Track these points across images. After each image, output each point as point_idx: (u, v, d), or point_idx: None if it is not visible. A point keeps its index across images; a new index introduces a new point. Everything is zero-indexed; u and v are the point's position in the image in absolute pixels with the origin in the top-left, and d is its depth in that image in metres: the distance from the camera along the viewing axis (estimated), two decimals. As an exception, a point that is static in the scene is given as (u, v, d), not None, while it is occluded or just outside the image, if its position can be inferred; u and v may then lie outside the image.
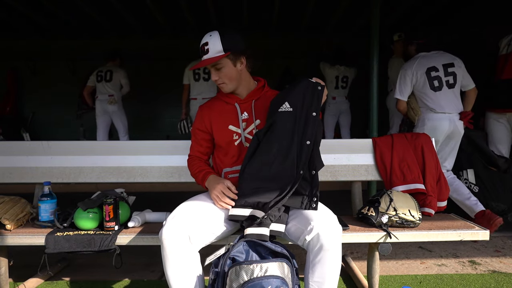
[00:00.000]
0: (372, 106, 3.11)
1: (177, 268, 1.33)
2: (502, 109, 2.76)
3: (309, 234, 1.32)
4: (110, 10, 4.52)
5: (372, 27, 3.11)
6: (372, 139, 2.09)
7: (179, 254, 1.32)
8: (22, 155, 2.00)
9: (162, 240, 1.33)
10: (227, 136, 1.66)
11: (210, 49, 1.56)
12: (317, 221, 1.33)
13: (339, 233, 1.35)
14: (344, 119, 4.80)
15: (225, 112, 1.68)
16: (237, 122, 1.66)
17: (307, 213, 1.41)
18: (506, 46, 2.79)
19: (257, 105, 1.67)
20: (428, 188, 1.91)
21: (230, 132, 1.66)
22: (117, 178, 2.00)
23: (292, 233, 1.44)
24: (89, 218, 1.66)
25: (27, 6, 4.37)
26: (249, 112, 1.67)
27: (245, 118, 1.66)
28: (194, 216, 1.41)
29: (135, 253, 2.12)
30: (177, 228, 1.33)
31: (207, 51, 1.57)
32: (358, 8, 4.49)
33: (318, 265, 1.33)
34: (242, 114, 1.66)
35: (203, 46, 1.58)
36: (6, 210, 1.71)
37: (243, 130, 1.65)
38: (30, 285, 1.93)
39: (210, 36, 1.57)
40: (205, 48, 1.57)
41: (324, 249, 1.30)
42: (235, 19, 5.03)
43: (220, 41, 1.56)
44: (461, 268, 2.22)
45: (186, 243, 1.34)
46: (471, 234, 1.65)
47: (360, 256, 2.41)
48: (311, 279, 1.36)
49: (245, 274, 1.18)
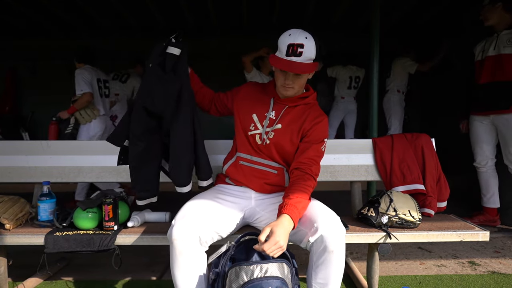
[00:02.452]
0: (373, 106, 3.11)
1: (186, 268, 1.32)
2: (485, 111, 2.88)
3: (313, 235, 1.31)
4: (110, 9, 4.52)
5: (373, 28, 3.11)
6: (372, 139, 2.09)
7: (189, 254, 1.31)
8: (21, 154, 2.00)
9: (172, 241, 1.30)
10: (246, 121, 1.61)
11: (304, 53, 1.40)
12: (321, 223, 1.33)
13: (343, 234, 1.34)
14: (350, 120, 4.81)
15: (260, 99, 1.62)
16: (263, 116, 1.59)
17: (310, 214, 1.40)
18: (480, 52, 2.90)
19: (288, 112, 1.58)
20: (428, 189, 1.91)
21: (251, 119, 1.60)
22: (117, 178, 1.99)
23: (294, 234, 1.42)
24: (89, 218, 1.66)
25: (26, 5, 4.37)
26: (277, 115, 1.58)
27: (271, 117, 1.58)
28: (203, 217, 1.39)
29: (134, 253, 2.12)
30: (187, 229, 1.31)
31: (299, 54, 1.40)
32: (358, 9, 4.49)
33: (322, 267, 1.33)
34: (271, 111, 1.59)
35: (296, 46, 1.39)
36: (5, 209, 1.71)
37: (263, 126, 1.58)
38: (29, 284, 1.93)
39: (306, 39, 1.41)
40: (297, 50, 1.39)
41: (328, 251, 1.30)
42: (235, 19, 5.03)
43: (315, 47, 1.42)
44: (461, 268, 2.22)
45: (196, 244, 1.32)
46: (471, 235, 1.65)
47: (360, 257, 2.41)
48: (314, 280, 1.36)
49: (245, 275, 1.17)
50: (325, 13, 4.80)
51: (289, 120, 1.57)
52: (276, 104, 1.59)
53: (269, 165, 1.61)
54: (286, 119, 1.57)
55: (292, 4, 4.39)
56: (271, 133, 1.57)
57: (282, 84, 1.50)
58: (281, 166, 1.62)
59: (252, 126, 1.59)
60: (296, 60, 1.41)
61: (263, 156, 1.61)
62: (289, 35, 1.42)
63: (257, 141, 1.59)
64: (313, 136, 1.56)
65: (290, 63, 1.41)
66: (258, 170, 1.60)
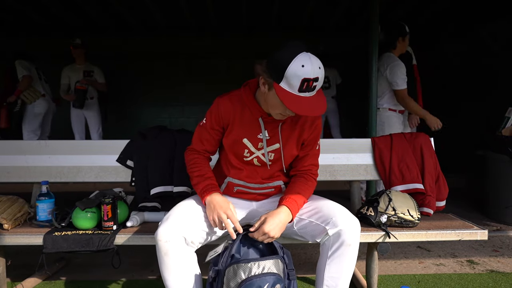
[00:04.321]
0: (372, 106, 3.11)
1: (173, 269, 1.32)
2: None
3: (332, 229, 1.35)
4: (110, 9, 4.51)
5: (372, 28, 3.11)
6: (371, 139, 2.09)
7: (175, 255, 1.31)
8: (20, 154, 1.99)
9: (157, 242, 1.31)
10: (239, 149, 1.48)
11: (317, 87, 1.25)
12: (340, 217, 1.36)
13: (359, 228, 1.39)
14: (332, 119, 4.88)
15: (246, 122, 1.45)
16: (255, 139, 1.46)
17: (327, 209, 1.42)
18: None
19: (283, 128, 1.46)
20: (427, 188, 1.91)
21: (243, 146, 1.47)
22: (115, 178, 1.99)
23: (309, 229, 1.44)
24: (87, 217, 1.66)
25: (26, 4, 4.35)
26: (272, 133, 1.45)
27: (265, 139, 1.45)
28: (189, 217, 1.39)
29: (133, 252, 2.12)
30: (171, 229, 1.31)
31: (313, 88, 1.23)
32: (358, 8, 4.49)
33: (337, 260, 1.37)
34: (264, 132, 1.45)
35: (312, 81, 1.21)
36: (3, 209, 1.70)
37: (258, 149, 1.48)
38: (28, 284, 1.92)
39: (319, 69, 1.22)
40: (312, 85, 1.22)
41: (346, 244, 1.34)
42: (235, 19, 5.02)
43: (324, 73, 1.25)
44: (459, 267, 2.22)
45: (181, 244, 1.33)
46: (469, 234, 1.65)
47: (359, 256, 2.38)
48: (327, 274, 1.38)
49: (242, 273, 1.18)
50: (325, 13, 4.80)
51: (287, 137, 1.47)
52: (267, 123, 1.44)
53: (266, 187, 1.56)
54: (283, 137, 1.46)
55: (292, 4, 4.39)
56: (270, 154, 1.49)
57: (280, 111, 1.33)
58: (278, 183, 1.58)
59: (247, 153, 1.48)
60: (309, 96, 1.25)
61: (258, 182, 1.54)
62: (302, 67, 1.19)
63: (256, 164, 1.50)
64: (311, 140, 1.53)
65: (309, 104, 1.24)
66: (256, 193, 1.57)
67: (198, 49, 5.68)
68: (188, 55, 5.72)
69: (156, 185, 1.87)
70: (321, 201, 1.50)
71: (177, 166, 1.88)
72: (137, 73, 5.74)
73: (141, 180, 1.92)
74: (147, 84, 5.83)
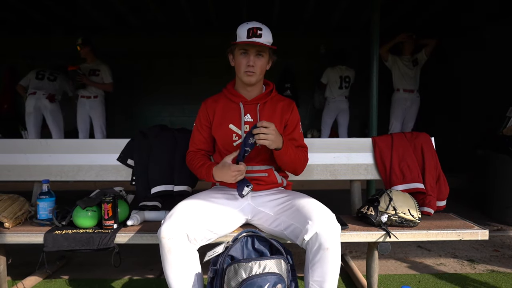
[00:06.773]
0: (372, 105, 3.11)
1: (176, 266, 1.33)
2: None
3: (307, 233, 1.31)
4: (110, 8, 4.51)
5: (372, 27, 3.10)
6: (372, 138, 2.09)
7: (178, 252, 1.32)
8: (21, 153, 1.99)
9: (160, 239, 1.32)
10: (227, 135, 1.62)
11: (263, 35, 1.54)
12: (315, 220, 1.33)
13: (337, 231, 1.34)
14: (343, 118, 4.84)
15: (229, 110, 1.65)
16: (239, 123, 1.62)
17: (305, 212, 1.40)
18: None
19: (262, 109, 1.64)
20: (427, 188, 1.91)
21: (230, 131, 1.62)
22: (116, 176, 1.99)
23: (291, 233, 1.43)
24: (88, 216, 1.66)
25: (25, 3, 4.35)
26: (253, 115, 1.63)
27: (247, 121, 1.62)
28: (192, 215, 1.40)
29: (134, 251, 2.12)
30: (174, 227, 1.32)
31: (259, 35, 1.54)
32: (358, 8, 4.49)
33: (318, 264, 1.32)
34: (245, 116, 1.63)
35: (256, 29, 1.54)
36: (4, 208, 1.70)
37: (244, 132, 1.60)
38: (29, 283, 1.92)
39: (262, 25, 1.57)
40: (257, 32, 1.54)
41: (323, 248, 1.30)
42: (235, 18, 5.01)
43: (271, 34, 1.59)
44: (460, 267, 2.22)
45: (184, 241, 1.33)
46: (470, 234, 1.65)
47: (359, 255, 2.41)
48: (311, 279, 1.35)
49: (243, 272, 1.18)
50: (325, 13, 4.80)
51: (268, 117, 1.62)
52: (246, 106, 1.64)
53: (258, 170, 1.62)
54: (264, 117, 1.61)
55: (292, 3, 4.38)
56: None
57: (244, 68, 1.56)
58: (269, 167, 1.64)
59: (235, 136, 1.61)
60: (259, 41, 1.53)
61: (250, 163, 1.60)
62: (246, 23, 1.57)
63: None
64: (292, 121, 1.67)
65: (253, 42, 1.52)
66: (250, 176, 1.59)
67: (198, 48, 5.68)
68: (189, 54, 5.73)
69: (157, 184, 1.87)
70: (302, 200, 1.49)
71: (177, 165, 1.87)
72: (137, 72, 5.75)
73: (142, 179, 1.92)
74: (147, 83, 5.84)
